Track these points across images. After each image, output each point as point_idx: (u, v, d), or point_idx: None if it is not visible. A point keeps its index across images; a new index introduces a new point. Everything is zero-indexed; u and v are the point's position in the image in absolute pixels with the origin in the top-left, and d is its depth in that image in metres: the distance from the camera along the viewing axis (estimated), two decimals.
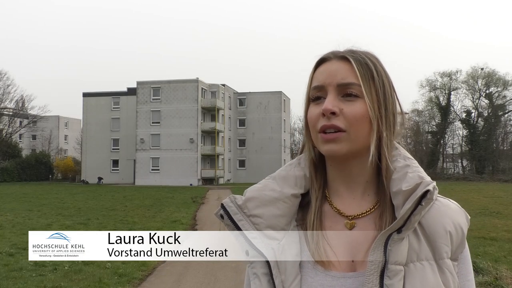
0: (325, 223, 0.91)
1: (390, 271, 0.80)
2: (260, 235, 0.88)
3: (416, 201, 0.80)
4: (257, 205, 0.90)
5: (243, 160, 60.42)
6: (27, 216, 16.37)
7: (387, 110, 0.88)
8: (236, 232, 0.89)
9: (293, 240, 0.89)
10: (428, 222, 0.84)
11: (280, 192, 0.90)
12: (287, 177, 0.93)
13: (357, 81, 0.85)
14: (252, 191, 0.92)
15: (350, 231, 0.89)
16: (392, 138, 0.89)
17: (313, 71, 0.91)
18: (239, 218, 0.89)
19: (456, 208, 0.89)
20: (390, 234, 0.81)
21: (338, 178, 0.91)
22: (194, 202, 23.74)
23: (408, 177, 0.83)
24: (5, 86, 57.08)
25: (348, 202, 0.91)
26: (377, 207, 0.89)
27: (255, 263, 0.88)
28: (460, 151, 63.38)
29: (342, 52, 0.89)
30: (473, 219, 8.68)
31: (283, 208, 0.90)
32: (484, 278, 6.60)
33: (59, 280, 7.11)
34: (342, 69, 0.87)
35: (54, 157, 66.37)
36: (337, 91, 0.86)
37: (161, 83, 52.69)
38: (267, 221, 0.89)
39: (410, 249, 0.82)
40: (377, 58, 0.90)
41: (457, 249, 0.85)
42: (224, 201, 0.92)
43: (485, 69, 59.89)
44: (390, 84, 0.90)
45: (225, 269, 8.08)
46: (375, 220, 0.88)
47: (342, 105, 0.85)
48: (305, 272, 0.87)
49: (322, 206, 0.93)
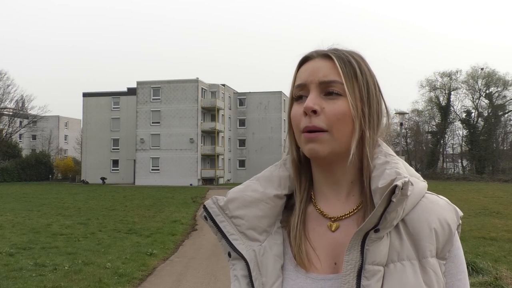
0: (308, 225, 0.89)
1: (368, 272, 0.77)
2: (241, 237, 0.87)
3: (386, 197, 0.76)
4: (238, 206, 0.88)
5: (243, 160, 60.41)
6: (27, 216, 16.38)
7: (371, 109, 0.86)
8: (218, 233, 0.88)
9: (275, 242, 0.87)
10: (412, 219, 0.81)
11: (262, 193, 0.89)
12: (271, 178, 0.91)
13: (339, 79, 0.83)
14: (234, 192, 0.90)
15: (333, 233, 0.87)
16: (375, 137, 0.87)
17: (297, 70, 0.90)
18: (220, 219, 0.88)
19: (444, 204, 0.85)
20: (367, 233, 0.78)
21: (323, 180, 0.90)
22: (194, 202, 23.75)
23: (385, 173, 0.80)
24: (5, 86, 57.14)
25: (333, 203, 0.89)
26: (361, 207, 0.87)
27: (236, 265, 0.87)
28: (460, 151, 63.39)
29: (325, 50, 0.88)
30: (473, 219, 8.68)
31: (266, 209, 0.88)
32: (484, 278, 6.60)
33: (59, 280, 7.11)
34: (324, 67, 0.85)
35: (54, 157, 66.33)
36: (319, 89, 0.84)
37: (161, 83, 52.67)
38: (248, 222, 0.87)
39: (391, 249, 0.80)
40: (361, 57, 0.89)
41: (444, 247, 0.82)
42: (206, 202, 0.90)
43: (485, 69, 59.97)
44: (374, 83, 0.88)
45: (225, 269, 8.09)
46: (358, 221, 0.85)
47: (324, 104, 0.83)
48: (286, 275, 0.85)
49: (306, 208, 0.91)
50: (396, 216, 0.79)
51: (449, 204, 0.86)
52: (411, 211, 0.82)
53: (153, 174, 51.36)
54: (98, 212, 18.38)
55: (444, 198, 0.88)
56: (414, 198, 0.82)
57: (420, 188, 0.84)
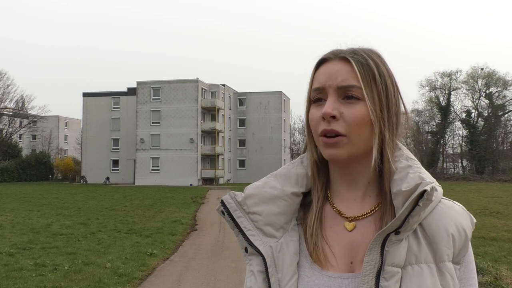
0: (325, 224, 0.90)
1: (387, 273, 0.78)
2: (258, 233, 0.87)
3: (413, 201, 0.78)
4: (256, 202, 0.89)
5: (243, 160, 60.41)
6: (27, 216, 16.37)
7: (390, 112, 0.86)
8: (235, 228, 0.89)
9: (292, 238, 0.88)
10: (430, 224, 0.83)
11: (280, 190, 0.90)
12: (288, 175, 0.92)
13: (358, 84, 0.83)
14: (252, 188, 0.91)
15: (350, 232, 0.87)
16: (394, 139, 0.87)
17: (314, 72, 0.89)
18: (238, 215, 0.89)
19: (460, 211, 0.87)
20: (388, 235, 0.80)
21: (340, 180, 0.90)
22: (194, 202, 23.73)
23: (409, 177, 0.81)
24: (5, 86, 57.20)
25: (350, 203, 0.90)
26: (378, 208, 0.87)
27: (252, 260, 0.88)
28: (460, 151, 63.38)
29: (343, 52, 0.87)
30: None
31: (283, 206, 0.89)
32: (484, 278, 6.60)
33: (59, 280, 7.11)
34: (342, 71, 0.85)
35: (54, 157, 66.34)
36: (337, 93, 0.84)
37: (161, 83, 52.68)
38: (266, 219, 0.88)
39: (409, 252, 0.81)
40: (380, 57, 0.88)
41: (459, 252, 0.83)
42: (224, 197, 0.91)
43: (485, 69, 59.95)
44: (393, 84, 0.88)
45: (225, 269, 8.08)
46: (375, 222, 0.86)
47: (342, 108, 0.83)
48: (302, 272, 0.86)
49: (323, 207, 0.91)
50: (418, 220, 0.80)
51: (464, 211, 0.88)
52: (428, 215, 0.83)
53: (153, 174, 51.37)
54: (98, 212, 18.37)
55: (459, 204, 0.89)
56: (433, 203, 0.82)
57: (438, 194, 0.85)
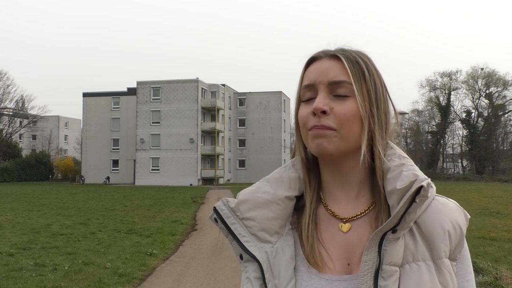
0: (320, 226, 0.89)
1: (385, 272, 0.78)
2: (253, 239, 0.86)
3: (410, 198, 0.78)
4: (250, 208, 0.88)
5: (243, 160, 60.40)
6: (27, 216, 16.37)
7: (379, 109, 0.86)
8: (229, 235, 0.88)
9: (287, 243, 0.87)
10: (425, 221, 0.82)
11: (273, 195, 0.88)
12: (281, 179, 0.91)
13: (348, 80, 0.83)
14: (245, 193, 0.90)
15: (345, 234, 0.86)
16: (385, 137, 0.87)
17: (304, 70, 0.90)
18: (231, 221, 0.88)
19: (454, 207, 0.87)
20: (385, 233, 0.79)
21: (332, 180, 0.89)
22: (194, 202, 23.73)
23: (403, 175, 0.81)
24: (5, 86, 57.20)
25: (343, 204, 0.89)
26: (372, 208, 0.87)
27: (248, 267, 0.87)
28: (460, 151, 63.38)
29: (333, 50, 0.88)
30: (473, 219, 8.60)
31: (277, 210, 0.88)
32: (484, 278, 6.60)
33: (59, 280, 7.11)
34: (333, 68, 0.85)
35: (54, 157, 66.34)
36: (328, 89, 0.84)
37: (161, 83, 52.67)
38: (260, 224, 0.87)
39: (405, 250, 0.80)
40: (368, 57, 0.89)
41: (455, 248, 0.83)
42: (217, 204, 0.90)
43: (485, 69, 59.96)
44: (382, 83, 0.88)
45: (225, 269, 8.08)
46: (371, 222, 0.85)
47: (332, 104, 0.83)
48: (299, 276, 0.85)
49: (317, 209, 0.90)
50: (414, 217, 0.80)
51: (458, 207, 0.87)
52: (423, 213, 0.82)
53: (153, 174, 51.37)
54: (98, 212, 18.36)
55: (453, 200, 0.89)
56: (428, 200, 0.82)
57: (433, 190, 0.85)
